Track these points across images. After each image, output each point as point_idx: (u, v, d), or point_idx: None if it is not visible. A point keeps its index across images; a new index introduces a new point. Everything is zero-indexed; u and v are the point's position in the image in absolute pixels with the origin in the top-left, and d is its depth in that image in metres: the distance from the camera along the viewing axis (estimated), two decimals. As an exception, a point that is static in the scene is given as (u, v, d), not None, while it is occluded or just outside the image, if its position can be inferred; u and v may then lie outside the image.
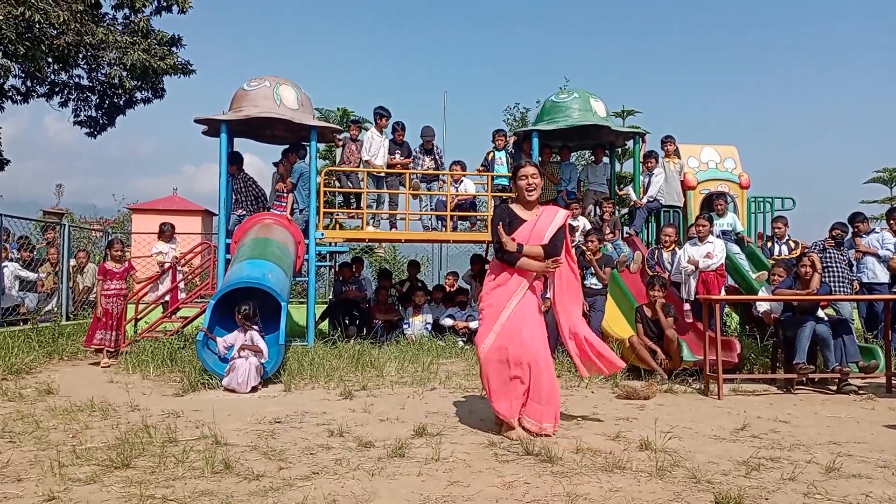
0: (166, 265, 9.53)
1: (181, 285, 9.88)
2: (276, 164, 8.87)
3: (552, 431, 4.24)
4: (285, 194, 8.55)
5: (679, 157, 9.48)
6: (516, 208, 4.48)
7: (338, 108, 17.23)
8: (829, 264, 7.71)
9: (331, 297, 10.65)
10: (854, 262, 8.51)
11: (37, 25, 11.36)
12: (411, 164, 9.68)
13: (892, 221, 8.57)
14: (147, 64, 12.77)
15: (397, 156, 9.59)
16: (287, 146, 8.94)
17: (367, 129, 10.05)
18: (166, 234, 9.93)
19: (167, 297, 9.49)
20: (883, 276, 8.41)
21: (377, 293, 10.15)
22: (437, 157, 9.89)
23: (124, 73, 12.89)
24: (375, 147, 9.49)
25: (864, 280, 8.50)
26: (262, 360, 6.21)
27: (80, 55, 12.74)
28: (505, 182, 9.57)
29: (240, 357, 6.02)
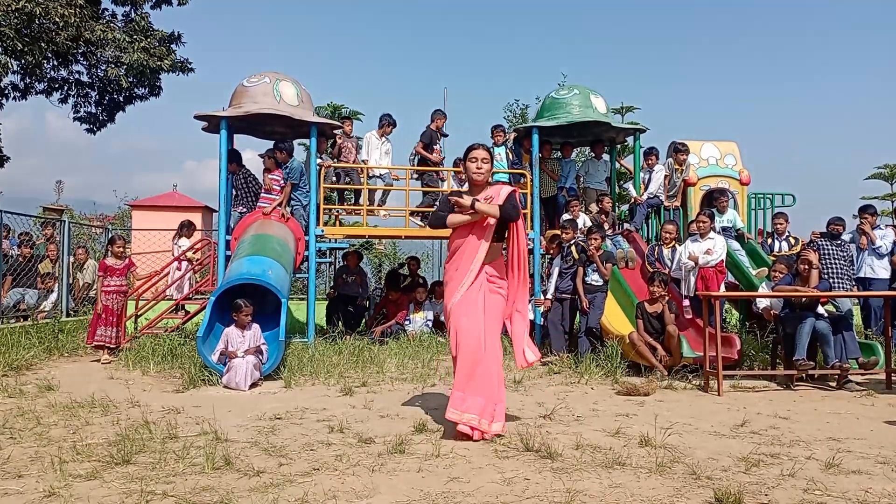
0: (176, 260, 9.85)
1: (186, 281, 10.03)
2: (261, 157, 8.78)
3: (489, 431, 4.03)
4: (275, 187, 8.49)
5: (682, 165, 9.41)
6: (464, 192, 4.48)
7: (328, 104, 17.24)
8: (826, 259, 7.71)
9: (330, 289, 10.70)
10: (859, 251, 8.53)
11: (36, 20, 11.35)
12: (414, 160, 9.75)
13: (865, 216, 8.60)
14: (145, 64, 12.77)
15: (438, 146, 9.78)
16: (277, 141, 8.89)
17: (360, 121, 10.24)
18: (188, 230, 10.47)
19: (173, 293, 9.65)
20: (882, 271, 8.42)
21: (383, 297, 10.14)
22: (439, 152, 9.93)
23: (121, 73, 12.89)
24: (373, 149, 9.66)
25: (862, 275, 8.52)
26: (263, 361, 6.20)
27: (80, 51, 12.75)
28: (504, 178, 9.55)
29: (237, 357, 6.01)
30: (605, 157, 10.09)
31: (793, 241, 8.81)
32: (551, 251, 8.59)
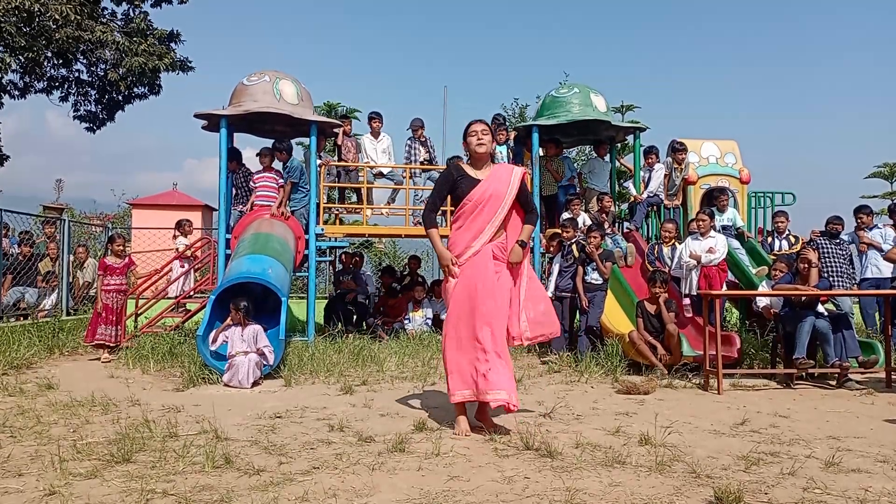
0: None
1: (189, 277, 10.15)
2: (259, 156, 8.75)
3: (508, 403, 4.05)
4: (275, 186, 8.48)
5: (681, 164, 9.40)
6: (467, 168, 4.41)
7: (324, 103, 17.31)
8: (826, 257, 7.72)
9: (332, 287, 10.79)
10: (859, 255, 8.53)
11: (36, 18, 11.35)
12: (409, 155, 9.81)
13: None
14: (144, 65, 12.78)
15: (422, 151, 9.78)
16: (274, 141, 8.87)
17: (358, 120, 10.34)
18: (185, 228, 10.67)
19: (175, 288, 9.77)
20: (887, 271, 8.43)
21: (382, 296, 10.17)
22: (429, 148, 9.93)
23: (120, 74, 12.90)
24: (370, 152, 9.74)
25: (869, 276, 8.53)
26: (268, 362, 6.20)
27: (79, 49, 12.74)
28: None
29: (238, 355, 6.02)
30: (606, 157, 10.08)
31: (793, 239, 8.82)
32: (551, 250, 8.59)
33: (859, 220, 8.71)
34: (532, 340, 4.52)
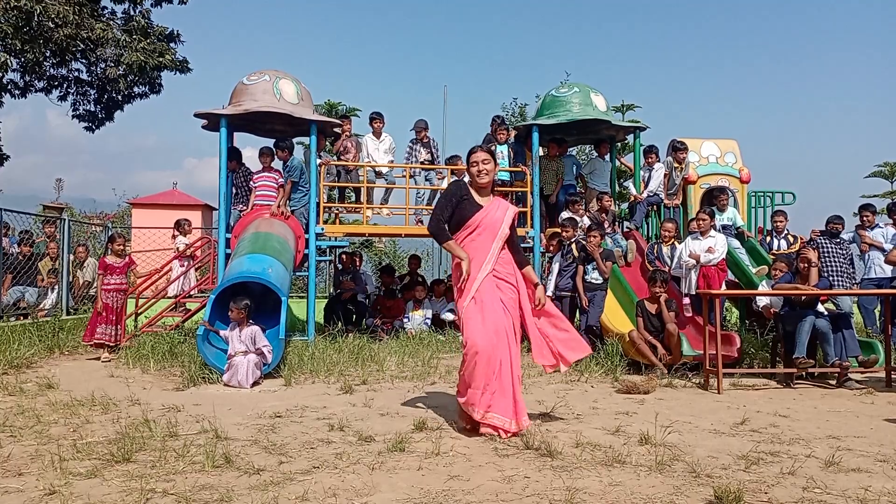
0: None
1: (190, 276, 10.18)
2: (259, 156, 8.72)
3: (512, 428, 4.03)
4: (275, 186, 8.48)
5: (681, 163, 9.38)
6: (471, 191, 4.38)
7: (325, 102, 17.35)
8: (826, 257, 7.73)
9: (332, 287, 10.81)
10: (861, 255, 8.55)
11: (35, 18, 11.35)
12: (409, 156, 9.81)
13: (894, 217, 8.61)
14: (144, 63, 12.78)
15: (423, 153, 9.79)
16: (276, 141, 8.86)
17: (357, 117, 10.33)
18: (184, 227, 10.67)
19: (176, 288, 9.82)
20: (890, 271, 8.44)
21: (381, 295, 10.19)
22: (432, 149, 9.93)
23: (120, 72, 12.89)
24: (372, 151, 9.72)
25: (873, 276, 8.53)
26: (267, 362, 6.19)
27: (79, 49, 12.74)
28: (506, 176, 9.54)
29: (237, 355, 6.02)
30: (607, 156, 10.08)
31: (791, 239, 8.83)
32: (551, 249, 8.60)
33: (864, 218, 8.71)
34: (567, 365, 4.54)
